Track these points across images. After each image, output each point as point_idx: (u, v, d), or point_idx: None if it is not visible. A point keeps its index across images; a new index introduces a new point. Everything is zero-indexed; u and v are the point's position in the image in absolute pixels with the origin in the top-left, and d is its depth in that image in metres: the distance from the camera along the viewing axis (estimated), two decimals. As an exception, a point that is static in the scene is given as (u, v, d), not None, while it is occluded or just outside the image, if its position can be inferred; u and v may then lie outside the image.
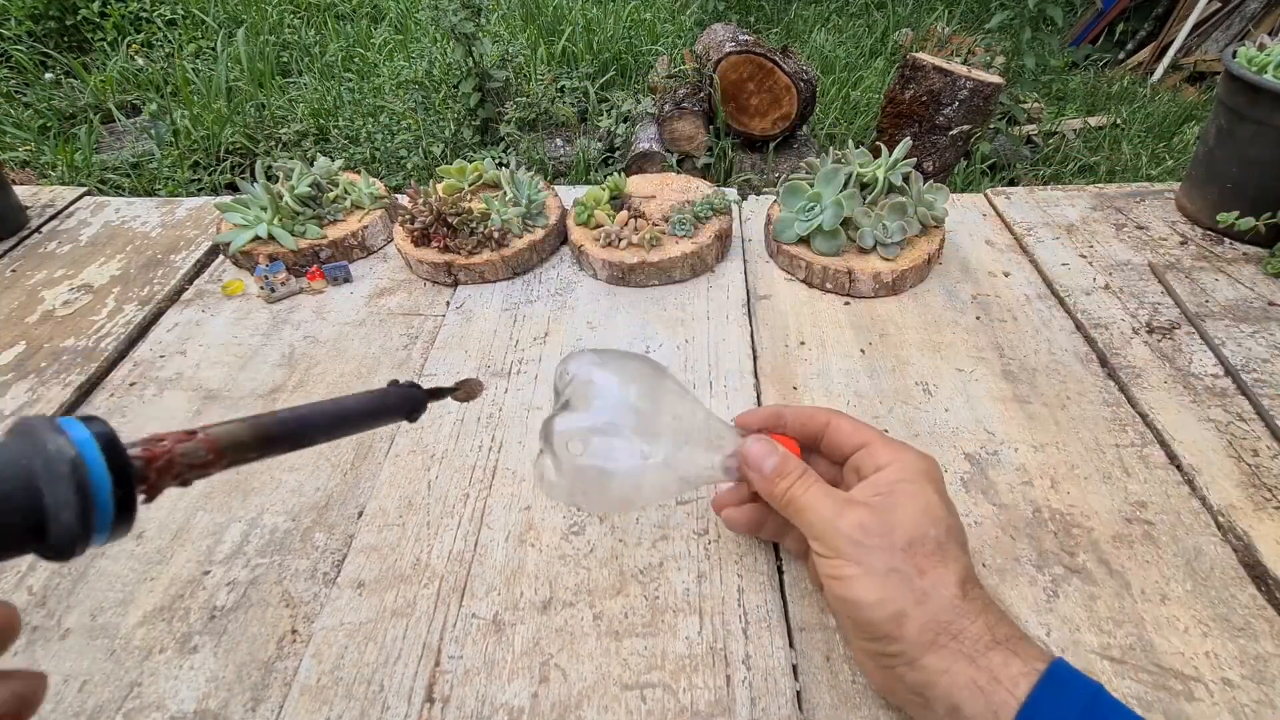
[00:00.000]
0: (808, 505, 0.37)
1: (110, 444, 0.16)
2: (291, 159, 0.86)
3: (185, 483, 0.18)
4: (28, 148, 2.23)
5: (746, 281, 0.71)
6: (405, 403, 0.27)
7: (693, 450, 0.39)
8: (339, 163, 0.81)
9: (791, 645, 0.41)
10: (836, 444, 0.40)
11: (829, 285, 0.69)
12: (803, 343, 0.63)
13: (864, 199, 0.70)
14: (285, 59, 2.90)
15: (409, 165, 2.18)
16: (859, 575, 0.34)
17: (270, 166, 0.96)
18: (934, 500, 0.35)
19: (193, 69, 2.68)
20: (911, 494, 0.36)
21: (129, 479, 0.16)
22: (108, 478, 0.15)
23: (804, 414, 0.42)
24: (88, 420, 0.16)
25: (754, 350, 0.63)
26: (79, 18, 3.02)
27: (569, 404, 0.33)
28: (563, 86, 2.57)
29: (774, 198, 0.79)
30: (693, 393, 0.41)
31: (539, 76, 2.55)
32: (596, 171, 2.20)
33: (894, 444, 0.39)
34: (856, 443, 0.39)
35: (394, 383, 0.27)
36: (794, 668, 0.40)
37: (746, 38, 2.21)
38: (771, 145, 2.16)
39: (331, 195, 0.78)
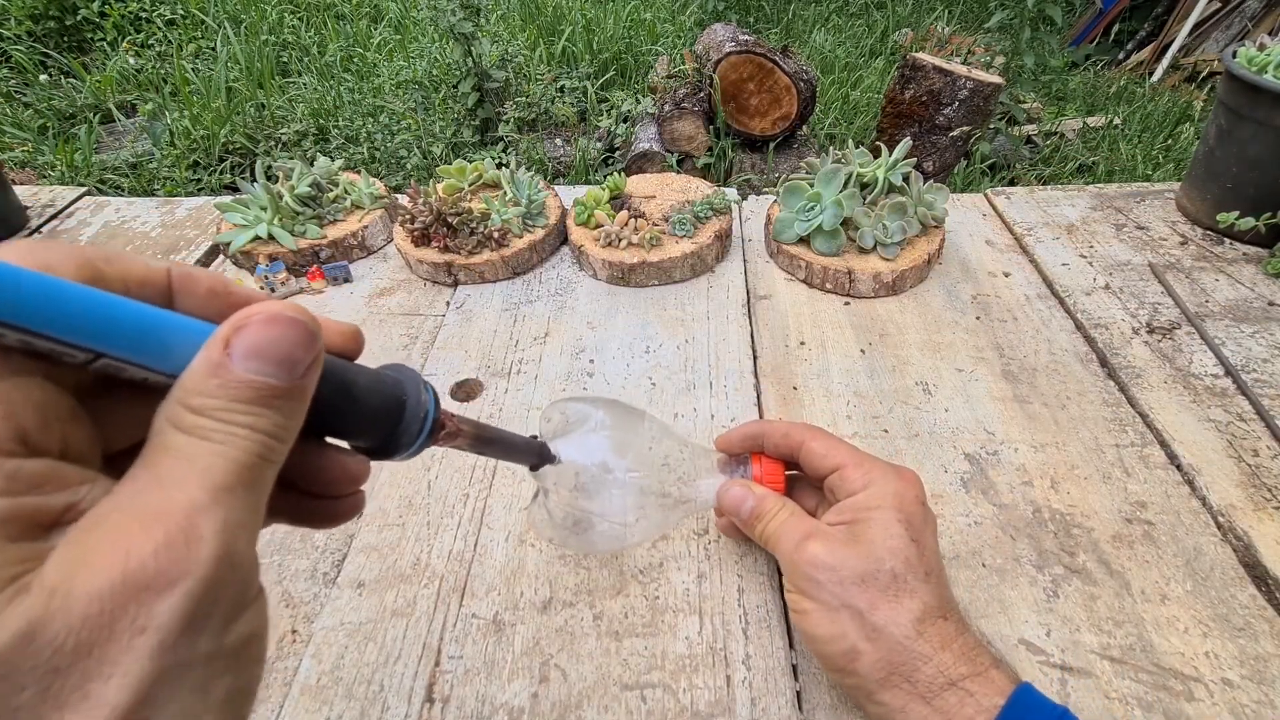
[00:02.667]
0: (777, 539, 0.37)
1: (438, 402, 0.24)
2: (291, 159, 0.86)
3: (440, 443, 0.25)
4: (25, 148, 2.23)
5: (746, 281, 0.71)
6: (536, 453, 0.33)
7: (679, 491, 0.40)
8: (339, 163, 0.81)
9: (791, 645, 0.41)
10: (811, 466, 0.40)
11: (829, 285, 0.69)
12: (803, 343, 0.63)
13: (864, 199, 0.70)
14: (285, 59, 2.90)
15: (409, 165, 2.18)
16: (813, 610, 0.34)
17: (270, 166, 0.96)
18: (895, 531, 0.35)
19: (192, 69, 2.68)
20: (872, 523, 0.35)
21: (436, 426, 0.24)
22: (432, 418, 0.24)
23: (779, 432, 0.41)
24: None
25: (754, 350, 0.63)
26: (79, 18, 3.01)
27: (558, 454, 0.35)
28: (562, 86, 2.57)
29: (774, 198, 0.79)
30: (673, 430, 0.42)
31: (538, 76, 2.54)
32: (596, 171, 2.20)
33: (866, 465, 0.38)
34: (830, 465, 0.39)
35: (534, 437, 0.34)
36: (794, 668, 0.40)
37: (746, 37, 2.21)
38: (771, 145, 2.16)
39: (331, 195, 0.78)
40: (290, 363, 0.18)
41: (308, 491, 0.22)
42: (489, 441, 0.29)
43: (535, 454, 0.33)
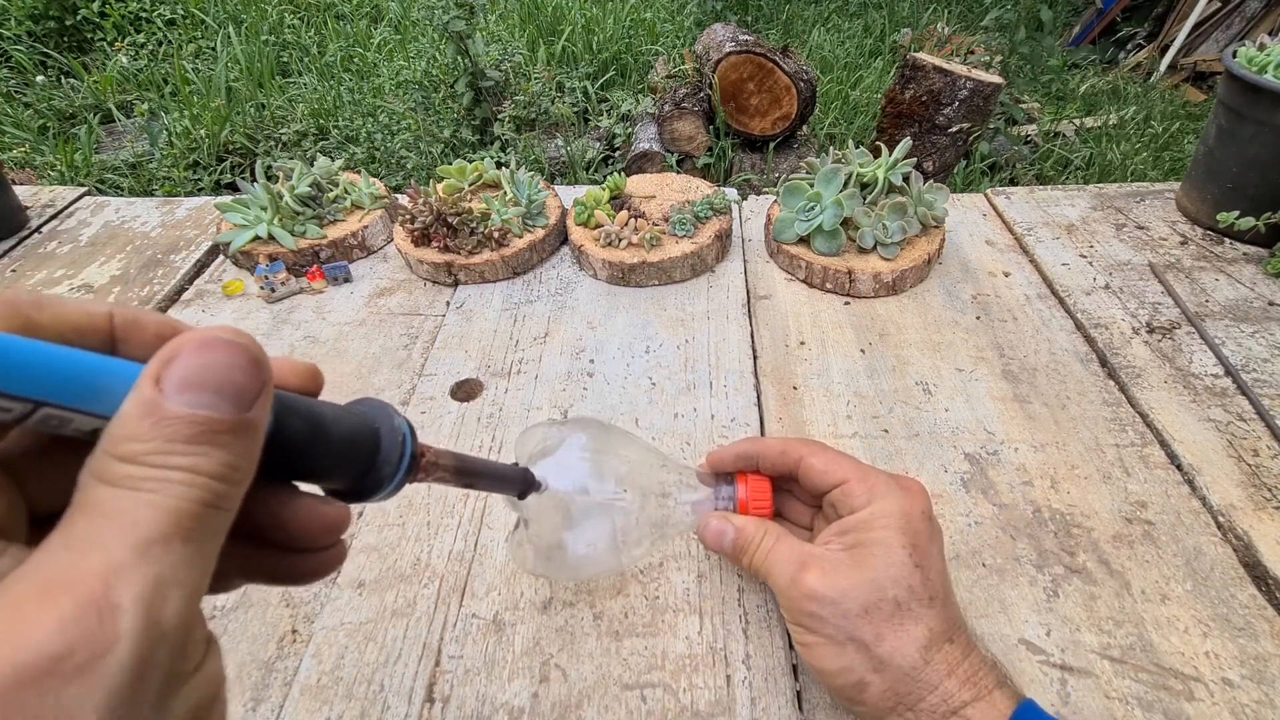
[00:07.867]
0: (768, 572, 0.36)
1: (413, 431, 0.23)
2: (291, 159, 0.86)
3: (421, 476, 0.24)
4: (22, 149, 2.22)
5: (746, 281, 0.71)
6: (524, 482, 0.33)
7: (665, 515, 0.39)
8: (339, 163, 0.81)
9: (791, 645, 0.41)
10: (810, 483, 0.38)
11: (829, 285, 0.69)
12: (803, 343, 0.63)
13: (864, 199, 0.70)
14: (285, 59, 2.90)
15: (409, 165, 2.18)
16: (817, 644, 0.33)
17: (270, 166, 0.96)
18: (898, 557, 0.34)
19: (192, 69, 2.68)
20: (875, 546, 0.34)
21: (415, 456, 0.23)
22: (410, 448, 0.23)
23: (775, 450, 0.40)
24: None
25: (754, 350, 0.63)
26: (79, 18, 3.02)
27: (543, 480, 0.34)
28: (561, 85, 2.57)
29: (774, 198, 0.79)
30: (655, 448, 0.41)
31: (537, 75, 2.54)
32: (594, 171, 2.20)
33: (870, 480, 0.37)
34: (830, 482, 0.37)
35: (515, 464, 0.33)
36: (794, 668, 0.40)
37: (746, 37, 2.21)
38: (771, 145, 2.16)
39: (331, 195, 0.78)
40: (234, 390, 0.15)
41: (283, 546, 0.20)
42: (471, 471, 0.28)
43: (521, 482, 0.32)
